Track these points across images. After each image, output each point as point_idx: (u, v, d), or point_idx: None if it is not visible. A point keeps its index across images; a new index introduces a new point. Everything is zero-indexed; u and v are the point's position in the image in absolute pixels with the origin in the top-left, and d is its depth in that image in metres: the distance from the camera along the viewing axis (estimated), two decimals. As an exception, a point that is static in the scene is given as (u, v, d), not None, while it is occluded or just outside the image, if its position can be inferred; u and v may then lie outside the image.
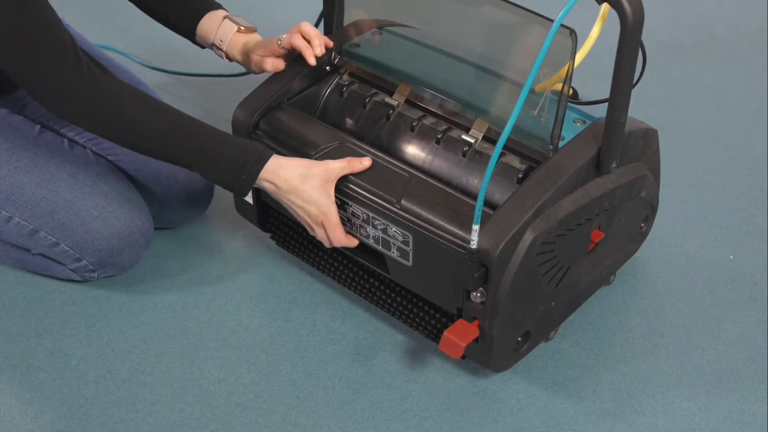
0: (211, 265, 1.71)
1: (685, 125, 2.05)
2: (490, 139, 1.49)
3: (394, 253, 1.46)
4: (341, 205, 1.47)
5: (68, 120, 1.44)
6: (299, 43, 1.56)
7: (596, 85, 1.75)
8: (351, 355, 1.55)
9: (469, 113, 1.52)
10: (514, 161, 1.46)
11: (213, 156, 1.44)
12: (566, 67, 1.36)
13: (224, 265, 1.71)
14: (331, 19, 1.65)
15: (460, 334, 1.40)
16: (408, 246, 1.43)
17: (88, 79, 1.39)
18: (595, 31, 1.42)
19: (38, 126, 1.67)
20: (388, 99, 1.58)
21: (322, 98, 1.62)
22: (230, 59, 1.64)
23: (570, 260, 1.46)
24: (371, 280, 1.56)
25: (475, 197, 1.46)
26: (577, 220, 1.42)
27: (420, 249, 1.42)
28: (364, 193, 1.44)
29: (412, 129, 1.52)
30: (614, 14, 1.30)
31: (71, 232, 1.57)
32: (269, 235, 1.71)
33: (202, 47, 1.68)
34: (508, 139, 1.30)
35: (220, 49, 1.63)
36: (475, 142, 1.48)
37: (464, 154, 1.48)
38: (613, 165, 1.44)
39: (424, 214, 1.40)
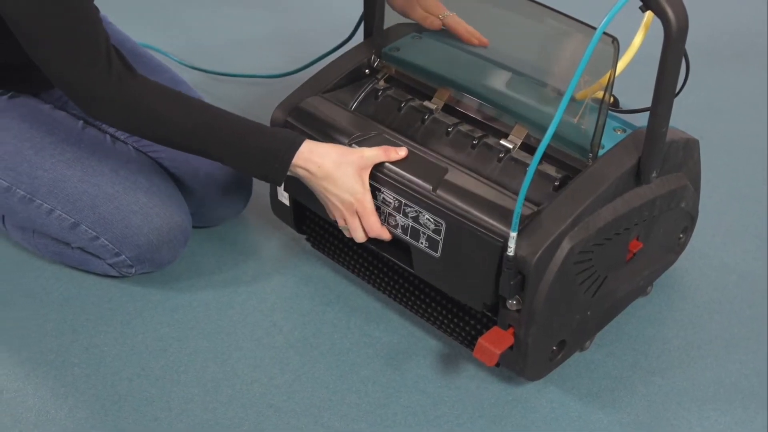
0: (247, 265, 1.72)
1: (726, 136, 2.02)
2: (529, 145, 1.48)
3: (422, 244, 1.44)
4: (372, 192, 1.45)
5: (97, 119, 1.45)
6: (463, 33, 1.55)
7: (637, 94, 1.74)
8: (384, 359, 1.55)
9: (507, 119, 1.51)
10: (550, 169, 1.45)
11: (245, 146, 1.43)
12: (608, 74, 1.35)
13: (260, 266, 1.72)
14: (371, 21, 1.64)
15: (494, 342, 1.39)
16: (439, 235, 1.41)
17: (116, 81, 1.40)
18: (637, 39, 1.41)
19: (81, 122, 1.69)
20: (426, 103, 1.57)
21: (356, 101, 1.61)
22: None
23: (607, 270, 1.45)
24: (406, 285, 1.56)
25: (511, 207, 1.46)
26: (616, 230, 1.41)
27: (451, 238, 1.40)
28: (398, 178, 1.43)
29: (448, 133, 1.52)
30: (657, 22, 1.29)
31: (111, 227, 1.58)
32: (305, 237, 1.71)
33: None
34: (547, 146, 1.29)
35: None
36: (513, 148, 1.48)
37: (500, 161, 1.47)
38: (654, 175, 1.43)
39: (461, 203, 1.38)
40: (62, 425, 1.45)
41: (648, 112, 1.36)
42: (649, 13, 1.33)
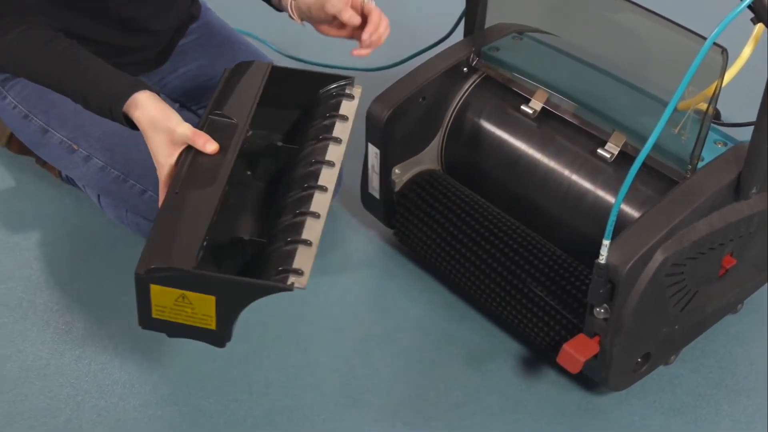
0: (333, 255, 1.73)
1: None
2: (626, 153, 1.46)
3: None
4: None
5: None
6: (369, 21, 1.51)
7: (738, 108, 1.70)
8: (465, 359, 1.55)
9: (606, 125, 1.49)
10: (646, 177, 1.43)
11: (93, 90, 1.44)
12: (713, 86, 1.32)
13: (346, 257, 1.73)
14: (472, 20, 1.64)
15: (579, 349, 1.38)
16: None
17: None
18: (746, 51, 1.38)
19: (177, 105, 1.72)
20: (523, 106, 1.57)
21: (460, 100, 1.61)
22: (302, 19, 1.58)
23: (698, 284, 1.43)
24: (492, 285, 1.55)
25: (606, 211, 1.44)
26: (710, 244, 1.39)
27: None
28: None
29: (547, 137, 1.51)
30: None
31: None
32: (393, 231, 1.72)
33: (279, 11, 1.65)
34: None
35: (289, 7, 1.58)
36: (611, 157, 1.46)
37: (599, 168, 1.46)
38: (753, 191, 1.40)
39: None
40: (145, 399, 1.48)
41: (752, 127, 1.34)
42: (760, 26, 1.30)
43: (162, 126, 1.38)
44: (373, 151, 1.61)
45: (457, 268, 1.60)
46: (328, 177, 1.36)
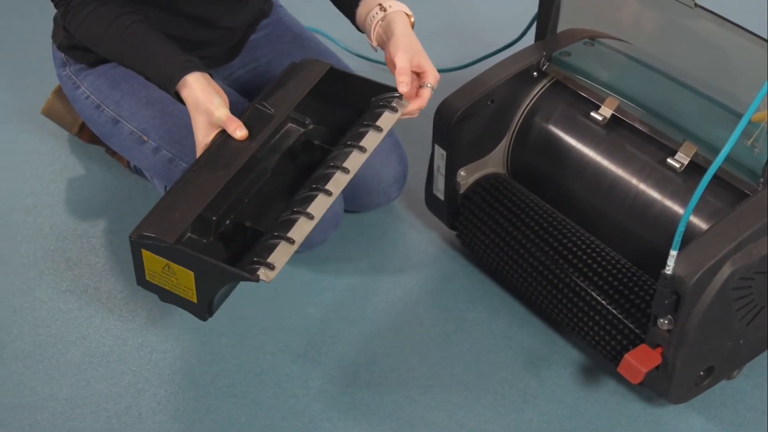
0: (395, 255, 1.73)
1: None
2: (696, 164, 1.45)
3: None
4: None
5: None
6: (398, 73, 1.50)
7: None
8: (524, 364, 1.54)
9: (677, 135, 1.48)
10: (716, 188, 1.41)
11: (155, 69, 1.50)
12: (790, 99, 1.30)
13: (407, 257, 1.73)
14: (545, 25, 1.63)
15: (642, 359, 1.36)
16: None
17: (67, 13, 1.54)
18: (825, 65, 1.35)
19: (245, 98, 1.73)
20: (593, 113, 1.55)
21: (529, 104, 1.60)
22: (378, 45, 1.59)
23: (766, 299, 1.40)
24: (554, 291, 1.54)
25: (673, 221, 1.43)
26: (780, 259, 1.36)
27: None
28: None
29: (616, 145, 1.50)
30: None
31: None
32: (456, 233, 1.71)
33: (360, 31, 1.65)
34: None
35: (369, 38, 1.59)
36: (681, 167, 1.44)
37: (667, 178, 1.44)
38: (826, 206, 1.37)
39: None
40: (204, 390, 1.50)
41: (828, 141, 1.31)
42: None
43: (203, 107, 1.45)
44: (440, 153, 1.61)
45: (518, 272, 1.59)
46: (337, 182, 1.41)
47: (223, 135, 1.44)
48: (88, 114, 1.72)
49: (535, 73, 1.62)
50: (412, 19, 1.57)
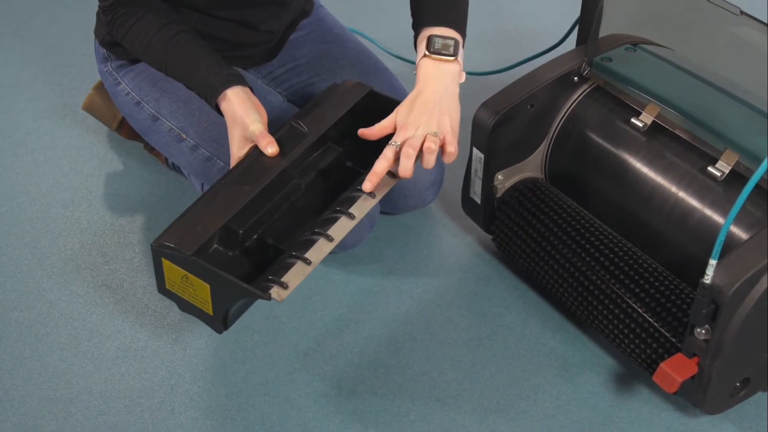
0: (430, 258, 1.73)
1: None
2: (737, 173, 1.43)
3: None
4: None
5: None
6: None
7: None
8: (557, 370, 1.53)
9: (718, 143, 1.46)
10: (757, 198, 1.40)
11: (194, 75, 1.52)
12: (835, 109, 1.29)
13: (442, 260, 1.72)
14: (586, 29, 1.62)
15: (677, 369, 1.35)
16: None
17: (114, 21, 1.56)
18: None
19: (284, 99, 1.74)
20: (633, 119, 1.54)
21: (568, 109, 1.59)
22: None
23: (805, 311, 1.39)
24: (589, 298, 1.53)
25: (713, 230, 1.42)
26: (821, 272, 1.34)
27: None
28: None
29: (656, 152, 1.48)
30: None
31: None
32: (491, 237, 1.71)
33: None
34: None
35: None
36: (722, 175, 1.43)
37: (708, 186, 1.43)
38: None
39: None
40: (237, 387, 1.50)
41: None
42: None
43: (239, 121, 1.47)
44: (477, 156, 1.61)
45: (554, 278, 1.58)
46: (360, 207, 1.42)
47: (257, 150, 1.45)
48: (127, 110, 1.73)
49: (575, 78, 1.61)
50: (453, 66, 1.49)
